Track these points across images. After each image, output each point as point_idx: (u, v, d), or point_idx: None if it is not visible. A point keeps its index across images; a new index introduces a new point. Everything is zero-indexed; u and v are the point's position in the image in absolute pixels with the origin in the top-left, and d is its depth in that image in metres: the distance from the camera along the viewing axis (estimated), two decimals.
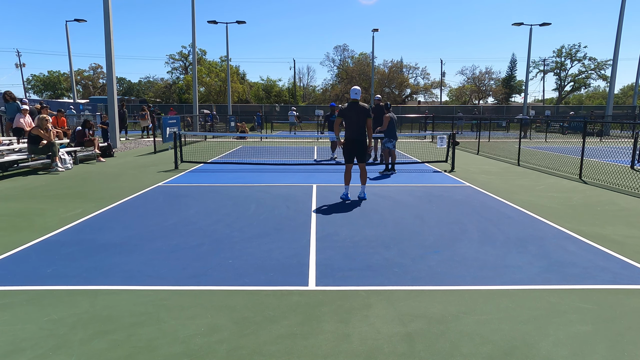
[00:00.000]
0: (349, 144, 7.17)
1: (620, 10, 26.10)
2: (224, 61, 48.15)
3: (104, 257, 4.40)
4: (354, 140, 7.12)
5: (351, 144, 7.15)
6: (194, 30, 25.75)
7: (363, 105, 7.06)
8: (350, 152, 7.19)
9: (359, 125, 7.06)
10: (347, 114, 7.09)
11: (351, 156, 7.22)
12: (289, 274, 3.98)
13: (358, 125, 7.06)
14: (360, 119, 7.03)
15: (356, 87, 7.27)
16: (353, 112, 7.04)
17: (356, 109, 7.03)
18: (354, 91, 7.17)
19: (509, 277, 3.93)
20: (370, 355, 2.68)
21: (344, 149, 7.25)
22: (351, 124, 7.08)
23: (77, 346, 2.77)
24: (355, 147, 7.14)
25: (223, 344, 2.80)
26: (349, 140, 7.16)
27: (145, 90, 66.39)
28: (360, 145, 7.15)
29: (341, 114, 7.19)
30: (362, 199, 7.24)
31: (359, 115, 7.02)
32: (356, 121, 7.03)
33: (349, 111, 7.08)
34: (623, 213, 6.45)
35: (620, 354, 2.71)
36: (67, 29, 33.60)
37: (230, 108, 36.06)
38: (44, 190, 8.05)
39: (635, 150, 11.40)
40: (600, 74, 57.60)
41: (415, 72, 58.84)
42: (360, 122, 7.04)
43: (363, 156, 7.23)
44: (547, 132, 27.66)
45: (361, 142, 7.15)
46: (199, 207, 6.70)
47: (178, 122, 17.40)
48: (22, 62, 59.22)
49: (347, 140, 7.19)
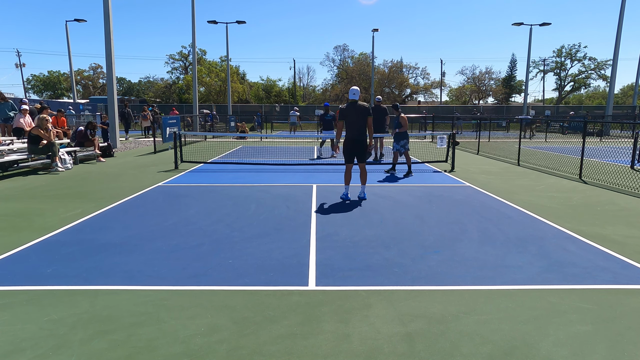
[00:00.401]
0: (349, 144, 7.17)
1: (620, 10, 26.11)
2: (224, 61, 48.17)
3: (104, 257, 4.41)
4: (354, 140, 7.12)
5: (351, 144, 7.15)
6: (194, 30, 25.78)
7: (362, 104, 7.06)
8: (350, 152, 7.20)
9: (359, 125, 7.07)
10: (347, 114, 7.10)
11: (351, 156, 7.23)
12: (289, 274, 3.98)
13: (358, 125, 7.07)
14: (360, 119, 7.04)
15: (355, 87, 7.28)
16: (353, 112, 7.05)
17: (356, 108, 7.04)
18: (353, 91, 7.19)
19: (509, 277, 3.93)
20: (370, 355, 2.68)
21: (344, 149, 7.25)
22: (351, 123, 7.09)
23: (77, 346, 2.77)
24: (355, 147, 7.15)
25: (223, 344, 2.80)
26: (349, 140, 7.17)
27: (145, 90, 66.39)
28: (360, 145, 7.15)
29: (341, 115, 7.20)
30: (362, 199, 7.25)
31: (359, 115, 7.03)
32: (356, 121, 7.04)
33: (348, 111, 7.09)
34: (623, 213, 6.45)
35: (620, 354, 2.71)
36: (67, 29, 33.65)
37: (230, 108, 36.06)
38: (44, 190, 8.05)
39: (635, 150, 11.40)
40: (600, 74, 57.63)
41: (415, 72, 58.98)
42: (360, 121, 7.05)
43: (363, 156, 7.23)
44: (547, 132, 27.66)
45: (361, 142, 7.16)
46: (199, 207, 6.70)
47: (178, 122, 17.40)
48: (22, 62, 59.23)
49: (347, 140, 7.19)
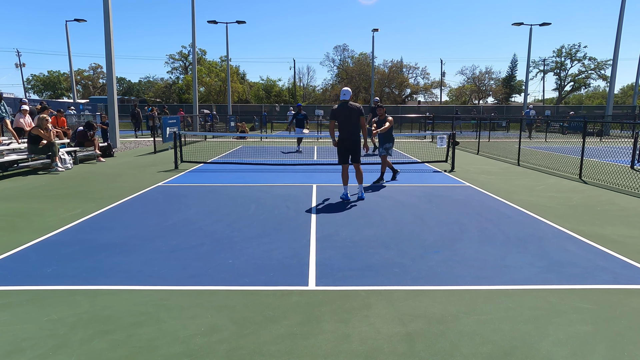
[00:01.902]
0: (341, 144, 7.19)
1: (620, 10, 26.11)
2: (224, 61, 48.15)
3: (104, 257, 4.40)
4: (346, 140, 7.13)
5: (343, 144, 7.17)
6: (194, 30, 25.78)
7: (353, 104, 7.09)
8: (343, 152, 7.20)
9: (351, 125, 7.08)
10: (338, 115, 7.14)
11: (345, 156, 7.23)
12: (289, 274, 3.98)
13: (350, 125, 7.08)
14: (351, 119, 7.05)
15: (346, 88, 7.32)
16: (343, 112, 7.08)
17: (346, 108, 7.07)
18: (343, 92, 7.22)
19: (509, 277, 3.93)
20: (370, 355, 2.68)
21: (338, 149, 7.25)
22: (342, 123, 7.12)
23: (77, 346, 2.77)
24: (347, 147, 7.15)
25: (223, 344, 2.80)
26: (341, 140, 7.19)
27: (145, 90, 66.38)
28: (352, 145, 7.13)
29: (332, 115, 7.23)
30: (360, 199, 7.25)
31: (350, 115, 7.05)
32: (347, 121, 7.07)
33: (339, 112, 7.13)
34: (623, 213, 6.45)
35: (620, 354, 2.71)
36: (67, 29, 33.63)
37: (230, 108, 36.06)
38: (44, 190, 8.05)
39: (635, 150, 11.40)
40: (600, 74, 57.57)
41: (415, 72, 58.89)
42: (351, 121, 7.06)
43: (357, 156, 7.23)
44: (547, 132, 27.66)
45: (354, 142, 7.13)
46: (198, 207, 6.70)
47: (178, 122, 17.41)
48: (22, 62, 59.33)
49: (340, 140, 7.21)
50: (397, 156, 14.44)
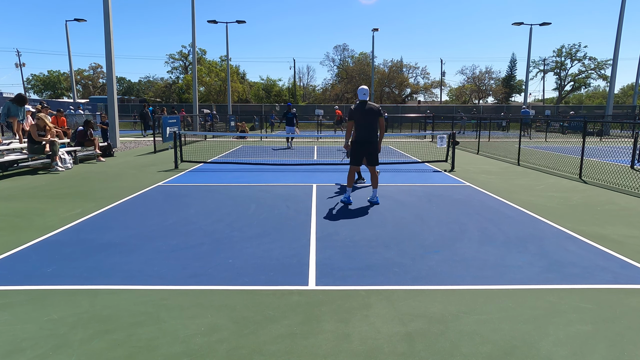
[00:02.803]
0: (358, 146, 6.80)
1: (620, 10, 26.09)
2: (224, 61, 48.16)
3: (104, 257, 4.41)
4: (363, 142, 6.78)
5: (361, 146, 6.79)
6: (194, 30, 25.75)
7: (372, 104, 6.75)
8: (359, 154, 6.87)
9: (368, 126, 6.72)
10: (356, 115, 6.72)
11: (359, 158, 6.92)
12: (289, 274, 3.98)
13: (367, 126, 6.72)
14: (370, 120, 6.69)
15: (363, 87, 6.88)
16: (362, 113, 6.71)
17: (365, 109, 6.68)
18: (362, 91, 6.80)
19: (509, 277, 3.93)
20: (370, 355, 2.68)
21: (353, 151, 6.88)
22: (360, 125, 6.75)
23: (77, 346, 2.77)
24: (365, 149, 6.80)
25: (223, 344, 2.80)
26: (358, 141, 6.78)
27: (145, 90, 66.38)
28: (370, 147, 6.79)
29: (350, 116, 6.84)
30: (374, 204, 6.90)
31: (369, 116, 6.69)
32: (365, 122, 6.71)
33: (357, 112, 6.71)
34: (623, 213, 6.45)
35: (620, 354, 2.71)
36: (67, 29, 33.61)
37: (230, 108, 36.06)
38: (44, 190, 8.04)
39: (635, 150, 11.39)
40: (600, 73, 57.58)
41: (415, 71, 58.97)
42: (371, 122, 6.70)
43: (374, 159, 6.88)
44: (547, 131, 27.65)
45: (371, 144, 6.78)
46: (199, 207, 6.70)
47: (178, 121, 17.40)
48: (22, 62, 59.27)
49: (356, 141, 6.80)
50: (398, 156, 14.45)
